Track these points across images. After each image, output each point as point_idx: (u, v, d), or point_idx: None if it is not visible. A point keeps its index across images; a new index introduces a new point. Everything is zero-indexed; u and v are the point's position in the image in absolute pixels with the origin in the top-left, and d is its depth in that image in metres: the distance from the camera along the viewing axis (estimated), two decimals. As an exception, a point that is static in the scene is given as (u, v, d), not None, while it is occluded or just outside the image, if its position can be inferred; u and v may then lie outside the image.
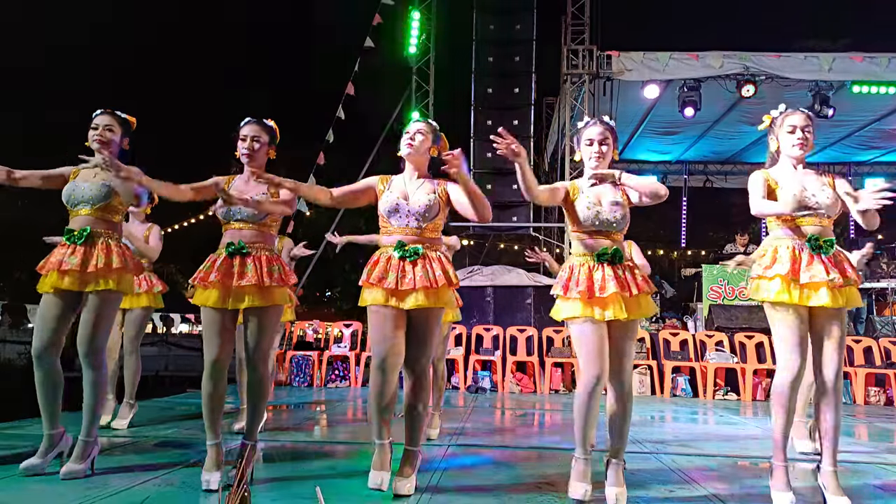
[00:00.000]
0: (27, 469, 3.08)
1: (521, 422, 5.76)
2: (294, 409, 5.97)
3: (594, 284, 2.86)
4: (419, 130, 3.11)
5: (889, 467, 3.79)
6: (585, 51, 10.71)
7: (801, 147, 2.98)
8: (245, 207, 3.08)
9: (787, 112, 3.05)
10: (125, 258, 3.25)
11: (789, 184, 2.96)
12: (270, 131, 3.29)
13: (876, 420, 6.15)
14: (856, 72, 10.16)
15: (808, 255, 2.88)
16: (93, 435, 3.17)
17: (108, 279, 3.16)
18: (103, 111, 3.35)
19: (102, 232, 3.24)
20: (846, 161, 14.73)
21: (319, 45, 22.96)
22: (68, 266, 3.12)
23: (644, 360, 7.97)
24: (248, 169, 3.23)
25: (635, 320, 2.93)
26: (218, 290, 3.06)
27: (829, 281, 2.81)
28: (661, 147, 14.61)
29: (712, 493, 3.08)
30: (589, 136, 3.02)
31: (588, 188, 3.01)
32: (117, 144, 3.33)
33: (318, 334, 8.78)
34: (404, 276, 2.93)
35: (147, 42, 24.15)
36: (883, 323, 8.81)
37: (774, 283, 2.89)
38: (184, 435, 4.32)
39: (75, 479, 3.02)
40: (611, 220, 2.93)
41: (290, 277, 3.24)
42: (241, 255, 3.09)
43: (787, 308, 2.86)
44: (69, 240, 3.20)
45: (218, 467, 3.01)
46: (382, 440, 2.99)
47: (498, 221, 11.06)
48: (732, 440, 4.69)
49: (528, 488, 3.10)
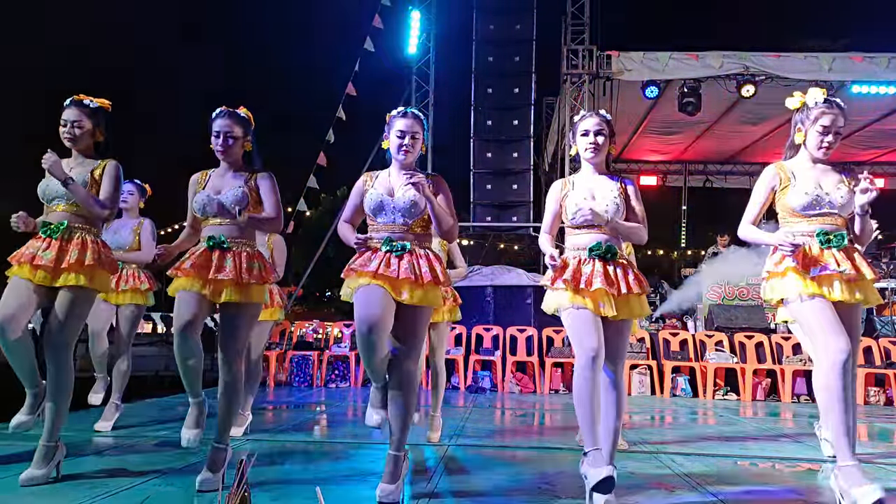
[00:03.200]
0: (17, 425, 3.06)
1: (521, 422, 5.76)
2: (294, 409, 5.97)
3: (581, 277, 2.82)
4: (413, 133, 2.95)
5: (889, 467, 3.79)
6: (585, 51, 10.70)
7: (826, 151, 2.88)
8: None
9: (823, 108, 2.86)
10: (100, 254, 3.11)
11: (805, 181, 2.89)
12: (244, 123, 3.15)
13: (876, 420, 6.15)
14: (856, 72, 10.16)
15: (818, 249, 2.81)
16: (54, 439, 3.04)
17: (79, 275, 3.03)
18: (71, 102, 3.17)
19: (80, 226, 3.11)
20: (846, 161, 14.74)
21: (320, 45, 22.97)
22: (41, 261, 2.99)
23: (644, 360, 7.97)
24: (223, 164, 3.15)
25: (627, 321, 2.89)
26: (193, 277, 2.98)
27: (840, 273, 2.74)
28: (661, 147, 14.61)
29: (712, 493, 3.08)
30: (585, 128, 2.96)
31: (580, 185, 2.97)
32: (89, 136, 3.20)
33: (318, 334, 8.78)
34: (388, 265, 2.82)
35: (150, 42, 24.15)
36: (883, 323, 8.80)
37: (788, 279, 2.82)
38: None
39: (36, 486, 2.91)
40: (601, 215, 2.85)
41: (271, 275, 3.15)
42: (221, 249, 3.02)
43: (811, 299, 2.75)
44: (45, 233, 3.06)
45: (197, 425, 3.09)
46: (380, 383, 2.89)
47: (498, 221, 11.07)
48: (732, 440, 4.69)
49: (529, 489, 3.10)
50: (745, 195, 3.08)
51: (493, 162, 10.95)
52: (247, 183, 3.09)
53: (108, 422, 4.41)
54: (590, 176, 3.01)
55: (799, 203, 2.87)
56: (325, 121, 11.32)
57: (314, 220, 21.55)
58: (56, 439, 3.05)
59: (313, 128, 12.80)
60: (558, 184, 3.06)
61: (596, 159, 2.97)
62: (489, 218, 11.04)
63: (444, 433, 4.44)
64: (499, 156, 11.00)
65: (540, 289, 9.09)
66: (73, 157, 3.22)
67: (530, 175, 11.05)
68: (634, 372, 7.83)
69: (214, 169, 3.20)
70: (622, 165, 15.30)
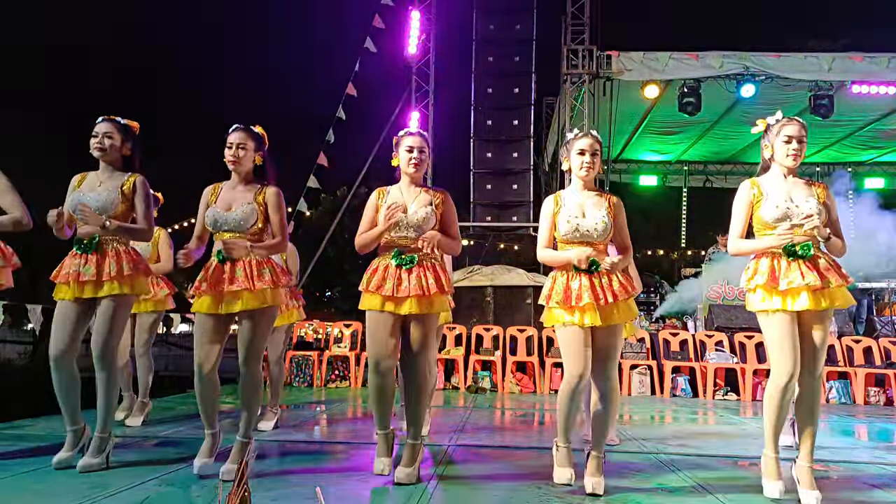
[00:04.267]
0: (58, 462, 3.21)
1: (521, 422, 5.76)
2: (294, 409, 5.97)
3: (571, 294, 3.05)
4: (421, 148, 3.24)
5: (888, 467, 3.79)
6: (585, 51, 10.71)
7: (794, 158, 3.05)
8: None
9: (783, 121, 3.08)
10: (136, 263, 3.34)
11: (776, 194, 3.04)
12: (257, 138, 3.34)
13: (876, 420, 6.15)
14: (856, 72, 10.17)
15: (786, 262, 2.97)
16: (107, 430, 3.29)
17: (122, 284, 3.27)
18: (104, 118, 3.40)
19: (110, 238, 3.32)
20: (846, 161, 14.74)
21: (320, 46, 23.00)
22: (86, 277, 3.22)
23: (644, 360, 7.97)
24: (234, 175, 3.32)
25: (618, 324, 3.09)
26: (209, 296, 3.15)
27: (806, 285, 2.89)
28: (661, 147, 14.62)
29: (712, 493, 3.09)
30: (581, 147, 3.16)
31: (571, 200, 3.17)
32: (117, 150, 3.40)
33: (318, 334, 8.78)
34: (400, 283, 3.12)
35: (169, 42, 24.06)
36: (883, 323, 8.80)
37: (757, 294, 3.01)
38: (184, 435, 4.32)
39: (90, 473, 3.15)
40: (591, 231, 3.09)
41: (283, 278, 3.27)
42: (232, 261, 3.18)
43: (774, 314, 2.96)
44: (79, 249, 3.28)
45: (210, 455, 3.20)
46: (384, 430, 3.24)
47: (498, 221, 11.07)
48: (732, 440, 4.69)
49: (529, 488, 3.10)
50: (746, 195, 3.10)
51: (493, 162, 10.96)
52: (255, 198, 3.26)
53: (137, 418, 4.65)
54: (579, 192, 3.21)
55: (771, 216, 3.02)
56: (325, 121, 11.34)
57: (314, 220, 21.55)
58: (109, 431, 3.30)
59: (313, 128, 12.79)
60: (550, 200, 3.25)
61: (589, 177, 3.19)
62: (489, 218, 11.05)
63: (444, 433, 4.44)
64: (499, 156, 11.01)
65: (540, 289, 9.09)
66: (102, 169, 3.42)
67: (530, 175, 11.06)
68: (634, 372, 7.84)
69: (226, 182, 3.35)
70: (622, 166, 15.31)
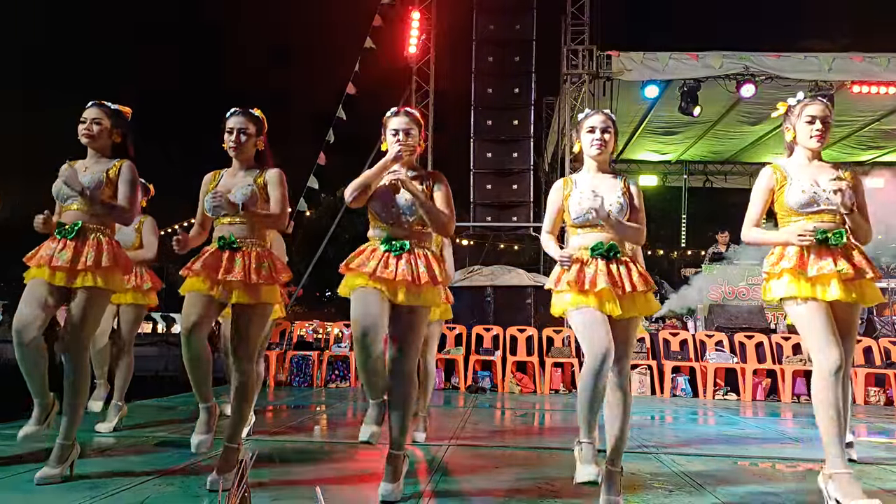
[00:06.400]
0: (24, 437, 3.03)
1: (521, 422, 5.76)
2: (294, 409, 5.97)
3: (585, 278, 2.78)
4: (407, 131, 2.97)
5: (888, 467, 3.79)
6: (585, 51, 10.70)
7: (819, 139, 2.88)
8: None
9: (805, 101, 2.91)
10: (115, 256, 3.14)
11: (801, 178, 2.88)
12: (257, 122, 3.19)
13: (876, 420, 6.15)
14: (856, 72, 10.15)
15: (815, 248, 2.78)
16: (71, 438, 3.07)
17: (96, 276, 3.07)
18: (93, 103, 3.24)
19: (94, 227, 3.14)
20: (846, 161, 14.74)
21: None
22: (58, 262, 3.02)
23: (644, 360, 7.96)
24: (235, 162, 3.19)
25: (634, 318, 2.85)
26: (203, 277, 3.00)
27: (838, 272, 2.72)
28: (661, 147, 14.61)
29: (712, 493, 3.08)
30: (591, 125, 2.93)
31: (583, 183, 2.93)
32: (107, 136, 3.23)
33: (318, 334, 8.77)
34: (387, 266, 2.84)
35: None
36: (883, 323, 8.80)
37: (783, 280, 2.81)
38: (184, 435, 4.31)
39: (50, 485, 2.92)
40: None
41: (281, 275, 3.14)
42: (231, 249, 3.05)
43: (804, 301, 2.75)
44: (60, 234, 3.10)
45: (207, 430, 3.05)
46: (376, 399, 2.91)
47: (498, 221, 11.05)
48: (732, 440, 4.69)
49: (529, 489, 3.10)
50: (745, 195, 3.07)
51: (493, 162, 10.93)
52: (256, 180, 3.12)
53: (110, 423, 4.40)
54: (593, 174, 2.96)
55: (796, 201, 2.85)
56: (324, 121, 11.34)
57: (314, 220, 21.53)
58: (72, 438, 3.08)
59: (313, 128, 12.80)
60: (560, 183, 3.01)
61: (601, 156, 2.94)
62: (489, 218, 11.04)
63: (444, 433, 4.44)
64: (499, 156, 10.99)
65: (540, 289, 9.02)
66: (90, 155, 3.25)
67: (530, 175, 11.05)
68: (634, 372, 7.82)
69: (227, 168, 3.23)
70: (622, 166, 15.30)
